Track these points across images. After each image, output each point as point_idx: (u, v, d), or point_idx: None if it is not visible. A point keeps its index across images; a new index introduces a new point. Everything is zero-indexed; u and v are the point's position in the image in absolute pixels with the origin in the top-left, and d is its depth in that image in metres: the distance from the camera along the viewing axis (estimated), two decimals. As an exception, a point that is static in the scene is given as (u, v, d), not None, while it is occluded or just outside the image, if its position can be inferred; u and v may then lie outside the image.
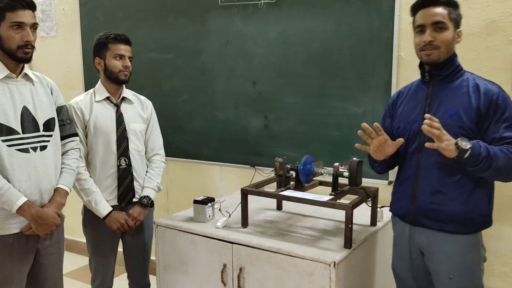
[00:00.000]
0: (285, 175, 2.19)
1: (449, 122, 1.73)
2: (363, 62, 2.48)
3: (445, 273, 1.79)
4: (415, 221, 1.84)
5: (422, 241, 1.85)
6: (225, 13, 2.86)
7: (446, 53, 1.77)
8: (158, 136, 2.51)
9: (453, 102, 1.77)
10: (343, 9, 2.50)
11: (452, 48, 1.79)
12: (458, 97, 1.77)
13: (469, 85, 1.77)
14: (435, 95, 1.82)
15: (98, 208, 2.25)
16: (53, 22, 3.70)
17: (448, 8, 1.75)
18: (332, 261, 1.79)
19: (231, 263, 2.05)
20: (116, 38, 2.28)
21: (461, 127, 1.72)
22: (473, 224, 1.76)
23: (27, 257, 1.97)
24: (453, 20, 1.76)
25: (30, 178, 1.91)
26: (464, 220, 1.75)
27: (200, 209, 2.24)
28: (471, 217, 1.75)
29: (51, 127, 2.01)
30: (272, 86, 2.77)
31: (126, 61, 2.30)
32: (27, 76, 1.97)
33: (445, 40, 1.75)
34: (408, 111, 1.90)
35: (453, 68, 1.80)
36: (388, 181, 2.48)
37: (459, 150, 1.64)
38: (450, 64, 1.80)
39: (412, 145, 1.85)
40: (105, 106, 2.33)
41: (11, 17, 1.83)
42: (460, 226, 1.75)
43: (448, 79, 1.81)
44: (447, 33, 1.75)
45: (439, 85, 1.83)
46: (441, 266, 1.80)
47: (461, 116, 1.73)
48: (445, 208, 1.76)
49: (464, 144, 1.64)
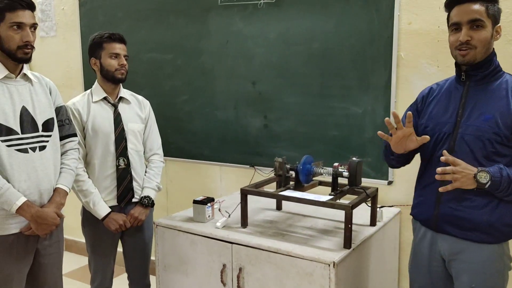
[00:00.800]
0: (284, 175, 2.19)
1: (484, 127, 1.65)
2: (363, 62, 2.48)
3: (466, 282, 1.72)
4: (438, 227, 1.77)
5: (444, 248, 1.78)
6: (225, 13, 2.86)
7: (483, 53, 1.66)
8: (157, 136, 2.51)
9: (489, 105, 1.66)
10: (343, 9, 2.50)
11: (490, 47, 1.68)
12: (495, 100, 1.66)
13: (508, 87, 1.66)
14: (470, 97, 1.71)
15: (97, 209, 2.25)
16: (52, 22, 3.70)
17: (485, 4, 1.63)
18: (332, 261, 1.78)
19: (231, 263, 2.05)
20: (110, 37, 2.28)
21: (496, 134, 1.64)
22: (498, 234, 1.68)
23: (27, 257, 1.97)
24: (491, 16, 1.64)
25: (30, 178, 1.91)
26: (490, 229, 1.67)
27: (199, 209, 2.24)
28: (497, 227, 1.67)
29: (50, 127, 2.01)
30: (272, 86, 2.77)
31: (121, 60, 2.29)
32: (26, 76, 1.97)
33: (483, 39, 1.64)
34: (440, 111, 1.79)
35: (492, 68, 1.69)
36: (388, 181, 2.48)
37: (478, 184, 1.61)
38: (488, 63, 1.69)
39: (441, 148, 1.73)
40: (103, 107, 2.33)
41: (11, 17, 1.83)
42: (485, 236, 1.68)
43: (486, 80, 1.70)
44: (485, 31, 1.64)
45: (475, 86, 1.72)
46: (463, 275, 1.73)
47: (498, 122, 1.63)
48: (471, 216, 1.68)
49: (483, 177, 1.59)
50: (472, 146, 1.68)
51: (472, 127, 1.68)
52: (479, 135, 1.66)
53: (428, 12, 2.30)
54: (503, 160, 1.65)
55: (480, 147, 1.67)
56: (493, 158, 1.66)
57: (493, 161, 1.66)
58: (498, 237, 1.69)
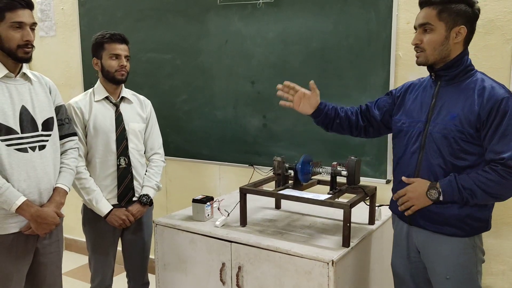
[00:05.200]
0: (283, 174, 2.20)
1: (449, 126, 1.70)
2: (361, 61, 2.49)
3: (441, 273, 1.78)
4: (412, 220, 1.83)
5: (418, 241, 1.84)
6: (224, 13, 2.86)
7: (436, 54, 1.71)
8: (157, 136, 2.52)
9: (457, 104, 1.71)
10: (341, 8, 2.51)
11: (445, 48, 1.70)
12: (462, 99, 1.70)
13: (475, 87, 1.69)
14: (440, 96, 1.76)
15: (99, 206, 2.26)
16: (52, 22, 3.70)
17: (438, 7, 1.68)
18: (331, 259, 1.79)
19: (230, 261, 2.06)
20: (111, 38, 2.28)
21: (460, 132, 1.68)
22: (469, 228, 1.73)
23: (27, 256, 1.97)
24: (444, 19, 1.68)
25: (29, 177, 1.91)
26: (460, 224, 1.72)
27: (199, 208, 2.25)
28: (468, 222, 1.72)
29: (50, 126, 2.01)
30: (271, 86, 2.76)
31: (122, 61, 2.29)
32: (25, 76, 1.98)
33: (431, 42, 1.70)
34: (414, 108, 1.84)
35: (462, 68, 1.73)
36: (386, 180, 2.49)
37: (432, 200, 1.71)
38: (458, 63, 1.72)
39: (414, 145, 1.80)
40: (105, 106, 2.33)
41: (11, 17, 1.84)
42: (456, 230, 1.73)
43: (456, 80, 1.74)
44: (434, 34, 1.69)
45: (446, 85, 1.76)
46: (437, 267, 1.79)
47: (461, 120, 1.68)
48: (442, 210, 1.74)
49: (432, 194, 1.70)
50: (439, 144, 1.73)
51: (439, 126, 1.73)
52: (445, 133, 1.71)
53: (426, 12, 2.31)
54: (470, 158, 1.70)
55: (447, 145, 1.71)
56: (460, 156, 1.70)
57: (460, 159, 1.70)
58: (468, 231, 1.74)
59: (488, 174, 1.65)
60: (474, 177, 1.67)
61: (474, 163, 1.70)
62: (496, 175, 1.63)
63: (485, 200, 1.69)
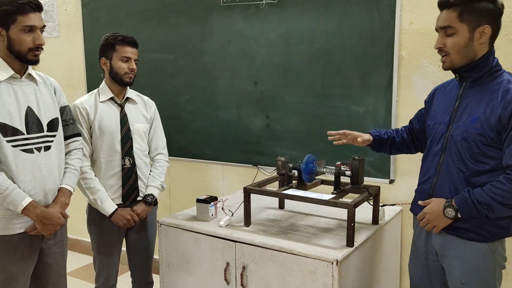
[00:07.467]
0: (287, 174, 2.20)
1: (470, 129, 1.65)
2: (365, 61, 2.49)
3: (458, 277, 1.74)
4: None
5: (437, 243, 1.80)
6: (227, 13, 2.87)
7: (461, 57, 1.66)
8: (161, 136, 2.53)
9: (480, 106, 1.65)
10: (345, 9, 2.51)
11: (470, 50, 1.65)
12: (485, 101, 1.64)
13: (500, 88, 1.63)
14: (464, 98, 1.72)
15: (104, 206, 2.27)
16: (55, 23, 3.71)
17: (459, 8, 1.62)
18: (335, 259, 1.80)
19: (234, 261, 2.06)
20: (123, 40, 2.29)
21: (481, 135, 1.63)
22: (488, 234, 1.68)
23: (32, 256, 1.98)
24: (466, 20, 1.62)
25: (35, 178, 1.91)
26: (479, 229, 1.68)
27: (203, 208, 2.26)
28: (487, 228, 1.67)
29: (55, 127, 2.01)
30: (274, 86, 2.78)
31: (132, 64, 2.31)
32: (30, 76, 1.98)
33: (455, 45, 1.65)
34: (439, 110, 1.82)
35: (487, 70, 1.67)
36: (389, 180, 2.50)
37: (450, 218, 1.69)
38: (483, 64, 1.66)
39: (436, 147, 1.77)
40: (110, 106, 2.35)
41: (23, 20, 1.83)
42: (475, 235, 1.69)
43: (480, 81, 1.68)
44: (457, 37, 1.64)
45: (470, 86, 1.71)
46: (454, 270, 1.75)
47: (482, 123, 1.62)
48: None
49: (449, 212, 1.68)
50: (460, 147, 1.69)
51: (461, 128, 1.69)
52: (465, 136, 1.67)
53: (429, 12, 2.31)
54: (491, 162, 1.65)
55: (467, 148, 1.67)
56: (480, 160, 1.66)
57: (480, 163, 1.66)
58: (487, 236, 1.69)
59: (503, 185, 1.59)
60: (488, 190, 1.61)
61: (495, 167, 1.64)
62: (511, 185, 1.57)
63: (504, 212, 1.63)
